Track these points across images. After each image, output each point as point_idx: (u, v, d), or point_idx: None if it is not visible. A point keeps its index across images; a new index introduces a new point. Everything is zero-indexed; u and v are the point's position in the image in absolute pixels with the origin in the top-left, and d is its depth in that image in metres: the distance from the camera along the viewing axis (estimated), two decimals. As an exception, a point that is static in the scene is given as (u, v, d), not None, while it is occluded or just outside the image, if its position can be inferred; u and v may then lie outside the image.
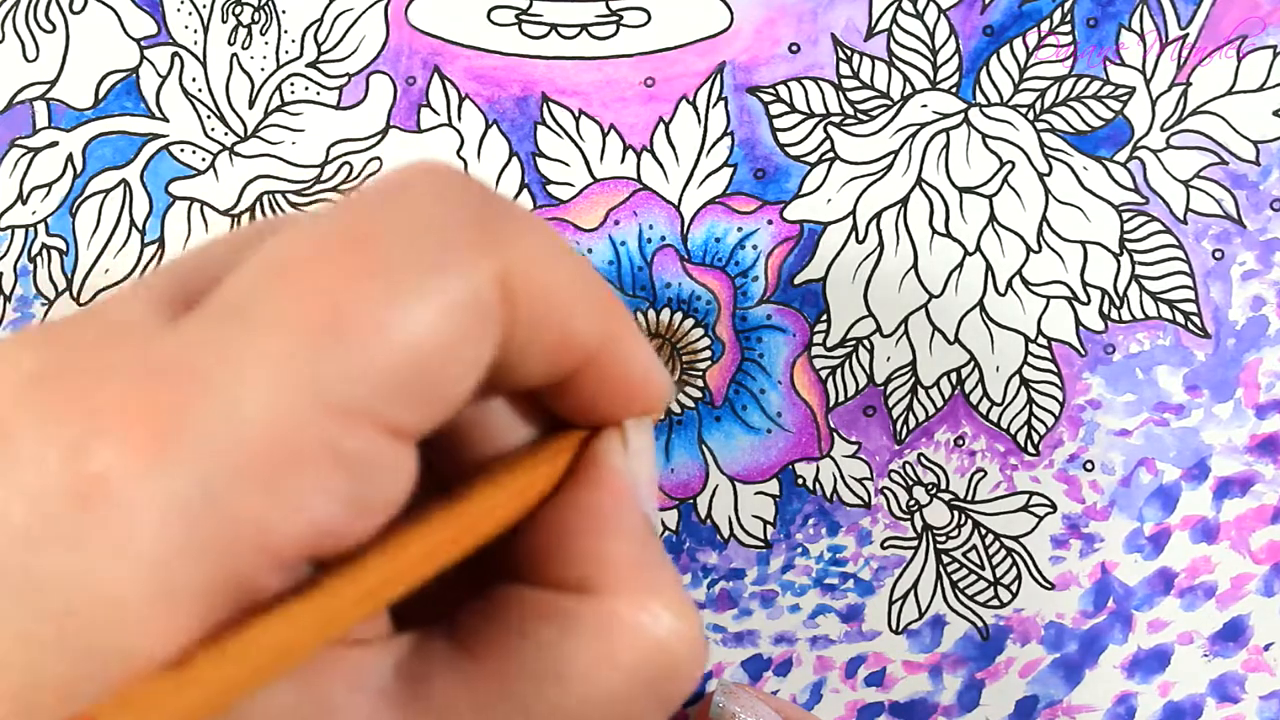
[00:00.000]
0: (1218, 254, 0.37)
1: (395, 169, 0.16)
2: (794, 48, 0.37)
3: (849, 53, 0.37)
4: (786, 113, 0.37)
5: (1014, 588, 0.37)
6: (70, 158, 0.37)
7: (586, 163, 0.37)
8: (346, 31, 0.37)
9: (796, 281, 0.37)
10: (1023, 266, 0.37)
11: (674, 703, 0.17)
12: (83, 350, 0.14)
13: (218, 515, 0.13)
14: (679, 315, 0.37)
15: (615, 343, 0.17)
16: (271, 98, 0.37)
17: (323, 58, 0.37)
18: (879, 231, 0.37)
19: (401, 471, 0.15)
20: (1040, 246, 0.37)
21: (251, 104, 0.37)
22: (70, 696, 0.13)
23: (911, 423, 0.37)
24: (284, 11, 0.37)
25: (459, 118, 0.37)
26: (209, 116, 0.37)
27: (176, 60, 0.37)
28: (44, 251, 0.37)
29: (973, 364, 0.37)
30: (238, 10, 0.37)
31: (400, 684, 0.16)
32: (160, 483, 0.13)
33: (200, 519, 0.13)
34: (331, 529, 0.14)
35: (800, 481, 0.37)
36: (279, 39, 0.37)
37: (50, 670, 0.13)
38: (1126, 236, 0.37)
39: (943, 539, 0.37)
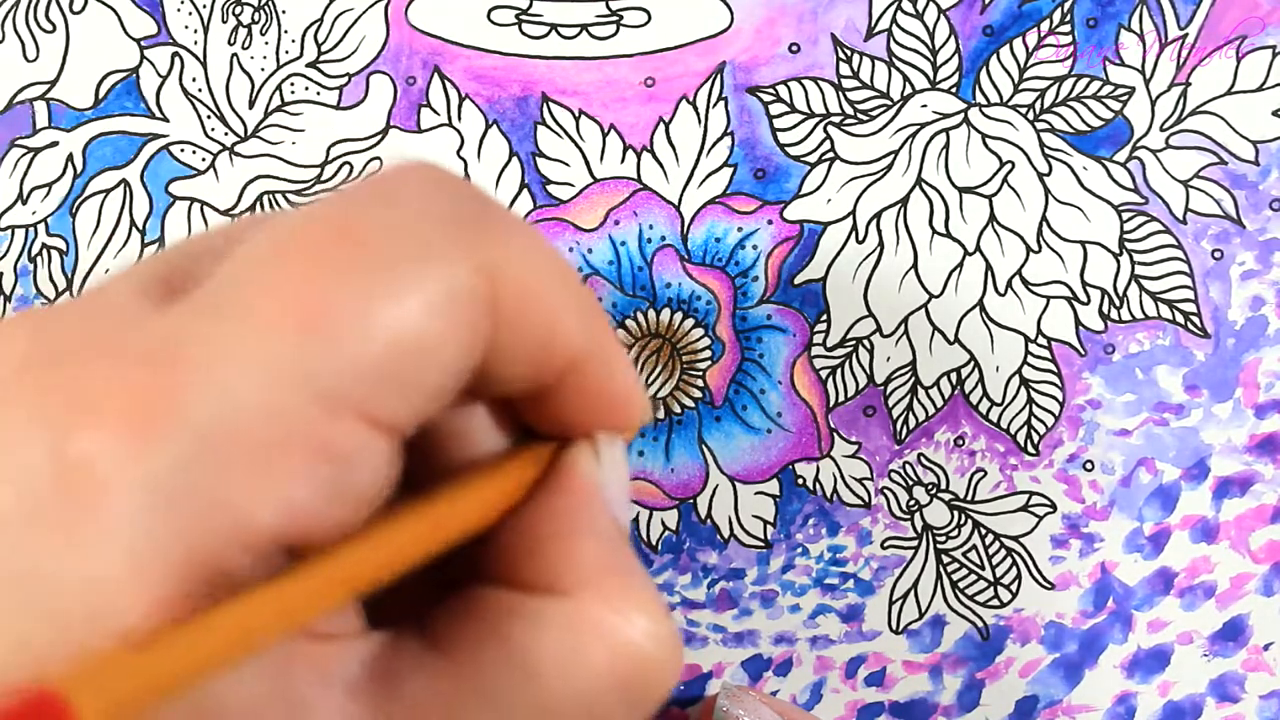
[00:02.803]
0: (1217, 254, 0.37)
1: (385, 167, 0.16)
2: (794, 48, 0.37)
3: (849, 53, 0.37)
4: (786, 113, 0.37)
5: (1014, 588, 0.37)
6: (70, 158, 0.37)
7: (586, 163, 0.37)
8: (346, 31, 0.37)
9: (796, 281, 0.37)
10: (1023, 266, 0.37)
11: (648, 706, 0.17)
12: (70, 335, 0.15)
13: (196, 499, 0.13)
14: (679, 315, 0.37)
15: (597, 352, 0.17)
16: (271, 98, 0.37)
17: (323, 58, 0.37)
18: (879, 231, 0.37)
19: (381, 464, 0.15)
20: (1040, 246, 0.37)
21: (251, 104, 0.37)
22: (41, 669, 0.13)
23: (911, 423, 0.37)
24: (284, 11, 0.37)
25: (459, 118, 0.37)
26: (209, 116, 0.37)
27: (176, 60, 0.37)
28: (44, 251, 0.37)
29: (973, 364, 0.37)
30: (238, 10, 0.37)
31: (371, 680, 0.16)
32: (141, 465, 0.13)
33: (178, 502, 0.13)
34: (309, 517, 0.14)
35: (800, 481, 0.37)
36: (279, 39, 0.37)
37: (24, 644, 0.13)
38: (1126, 236, 0.37)
39: (943, 539, 0.37)
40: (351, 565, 0.15)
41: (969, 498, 0.37)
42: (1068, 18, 0.37)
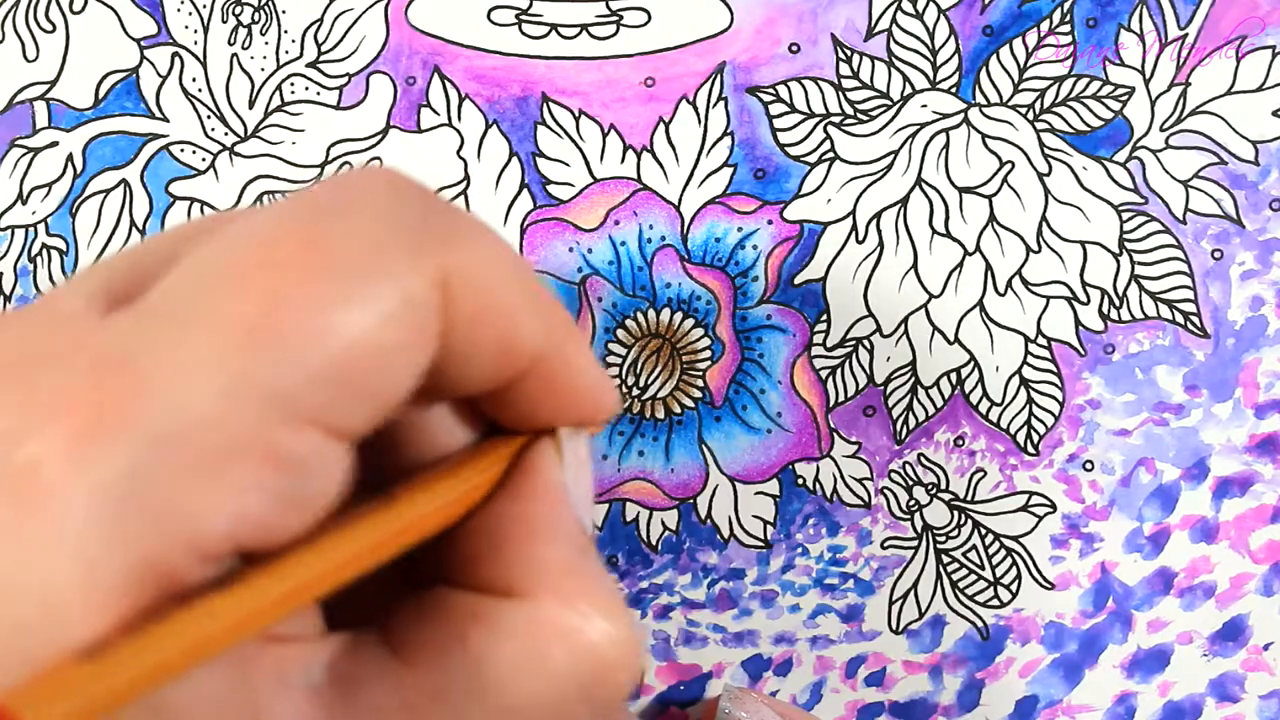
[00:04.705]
0: (1217, 254, 0.37)
1: (340, 173, 0.16)
2: (794, 48, 0.37)
3: (849, 53, 0.37)
4: (786, 113, 0.37)
5: (1014, 588, 0.37)
6: (70, 158, 0.37)
7: (586, 163, 0.37)
8: (346, 31, 0.37)
9: (796, 281, 0.37)
10: (1022, 266, 0.37)
11: (610, 707, 0.17)
12: (20, 341, 0.15)
13: (146, 506, 0.13)
14: (679, 315, 0.37)
15: (558, 351, 0.17)
16: (271, 98, 0.37)
17: (323, 58, 0.37)
18: (879, 231, 0.37)
19: (334, 469, 0.15)
20: (1040, 246, 0.37)
21: (251, 104, 0.37)
22: None
23: (911, 423, 0.37)
24: (284, 11, 0.37)
25: (459, 118, 0.37)
26: (209, 116, 0.37)
27: (176, 60, 0.37)
28: (44, 251, 0.37)
29: (973, 364, 0.37)
30: (238, 10, 0.37)
31: (331, 684, 0.16)
32: (90, 472, 0.13)
33: (129, 509, 0.13)
34: (260, 524, 0.14)
35: (800, 481, 0.37)
36: (279, 39, 0.37)
37: None
38: (1126, 236, 0.37)
39: (943, 539, 0.37)
40: (308, 571, 0.15)
41: (969, 498, 0.37)
42: (1068, 18, 0.37)
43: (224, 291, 0.14)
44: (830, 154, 0.37)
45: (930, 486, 0.37)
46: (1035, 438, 0.37)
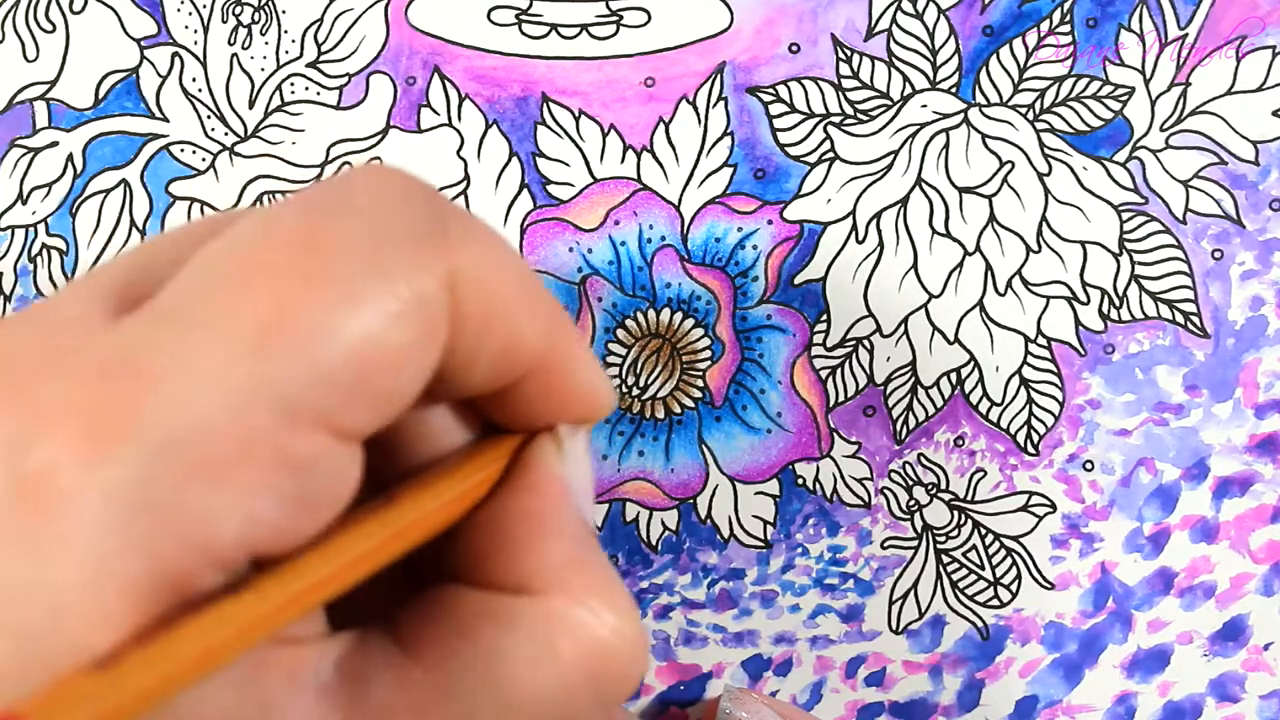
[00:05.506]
0: (1217, 254, 0.37)
1: (344, 171, 0.16)
2: (794, 48, 0.37)
3: (849, 53, 0.37)
4: (786, 113, 0.37)
5: (1014, 588, 0.37)
6: (70, 158, 0.37)
7: (586, 163, 0.37)
8: (346, 31, 0.37)
9: (796, 281, 0.37)
10: (1022, 266, 0.37)
11: (616, 701, 0.17)
12: (26, 347, 0.14)
13: (158, 512, 0.13)
14: (679, 315, 0.37)
15: (558, 351, 0.17)
16: (271, 98, 0.37)
17: (323, 58, 0.37)
18: (879, 231, 0.37)
19: (345, 472, 0.15)
20: (1040, 246, 0.37)
21: (251, 104, 0.37)
22: (2, 689, 0.13)
23: (911, 423, 0.37)
24: (284, 11, 0.37)
25: (459, 118, 0.37)
26: (209, 116, 0.37)
27: (176, 60, 0.37)
28: (44, 251, 0.37)
29: (973, 364, 0.37)
30: (238, 10, 0.37)
31: (340, 683, 0.16)
32: (101, 479, 0.13)
33: (140, 515, 0.13)
34: (272, 528, 0.14)
35: (800, 481, 0.37)
36: (279, 39, 0.37)
37: None
38: (1126, 236, 0.37)
39: (943, 539, 0.37)
40: (317, 574, 0.15)
41: (969, 498, 0.37)
42: (1068, 18, 0.37)
43: (230, 294, 0.14)
44: (830, 154, 0.37)
45: (930, 486, 0.37)
46: (1035, 438, 0.37)
